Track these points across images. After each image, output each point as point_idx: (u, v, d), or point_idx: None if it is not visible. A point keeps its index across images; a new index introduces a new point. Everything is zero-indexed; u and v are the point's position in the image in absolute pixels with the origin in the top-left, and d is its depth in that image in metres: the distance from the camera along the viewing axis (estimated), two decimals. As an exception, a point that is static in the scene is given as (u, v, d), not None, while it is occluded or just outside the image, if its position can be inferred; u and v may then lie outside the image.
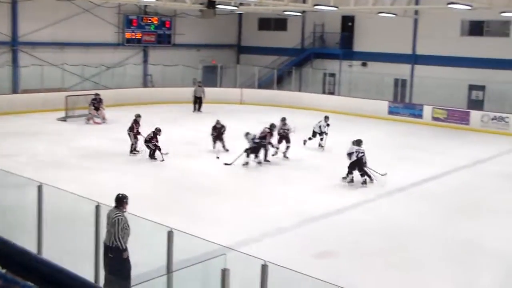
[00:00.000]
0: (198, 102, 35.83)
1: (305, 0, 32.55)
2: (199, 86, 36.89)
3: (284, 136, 23.75)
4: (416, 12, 36.73)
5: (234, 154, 22.00)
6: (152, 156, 22.64)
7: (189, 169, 21.26)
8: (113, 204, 10.23)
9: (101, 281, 9.53)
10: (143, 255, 11.03)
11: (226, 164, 21.66)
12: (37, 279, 2.38)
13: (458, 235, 15.39)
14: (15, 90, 34.21)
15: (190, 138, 26.53)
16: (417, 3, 32.67)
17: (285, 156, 23.55)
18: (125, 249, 10.15)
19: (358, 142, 20.33)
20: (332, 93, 40.90)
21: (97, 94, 31.09)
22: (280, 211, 16.79)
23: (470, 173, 22.22)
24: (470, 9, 24.81)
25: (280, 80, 42.11)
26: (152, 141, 22.47)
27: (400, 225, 16.09)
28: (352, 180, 19.83)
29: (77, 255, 9.62)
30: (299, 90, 40.72)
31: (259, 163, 22.21)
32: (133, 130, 23.52)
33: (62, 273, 2.25)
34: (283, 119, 24.34)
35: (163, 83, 40.66)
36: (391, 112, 35.47)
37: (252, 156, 21.96)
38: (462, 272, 13.09)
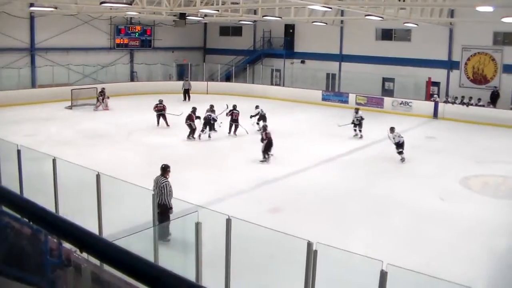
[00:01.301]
0: (187, 93, 35.79)
1: (256, 12, 32.40)
2: (186, 80, 37.12)
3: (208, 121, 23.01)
4: (342, 22, 36.94)
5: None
6: (191, 134, 22.41)
7: (170, 145, 21.21)
8: (110, 173, 10.23)
9: (104, 233, 9.52)
10: (133, 212, 11.04)
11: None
12: (53, 230, 2.43)
13: (376, 192, 15.66)
14: (33, 85, 34.11)
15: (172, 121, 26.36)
16: (342, 14, 32.77)
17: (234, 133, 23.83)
18: (171, 207, 10.96)
19: (392, 129, 20.43)
20: (278, 84, 40.80)
21: (103, 88, 31.41)
22: (239, 177, 16.90)
23: (384, 145, 22.52)
24: (382, 20, 25.03)
25: (237, 75, 41.93)
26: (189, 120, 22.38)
27: (331, 186, 16.28)
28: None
29: (85, 212, 9.58)
30: (252, 83, 40.63)
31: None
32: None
33: (73, 226, 2.30)
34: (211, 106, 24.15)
35: (146, 78, 40.59)
36: (324, 99, 35.63)
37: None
38: (379, 219, 13.36)
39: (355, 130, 24.23)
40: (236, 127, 23.85)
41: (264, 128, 20.41)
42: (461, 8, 28.27)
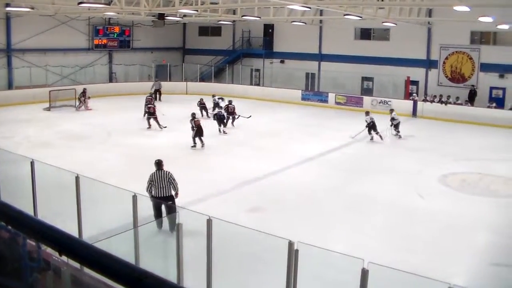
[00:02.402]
0: (157, 93, 35.67)
1: (235, 12, 32.40)
2: (156, 81, 37.07)
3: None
4: (321, 21, 37.09)
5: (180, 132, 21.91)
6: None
7: (150, 146, 21.10)
8: (89, 174, 10.15)
9: (84, 236, 9.44)
10: (113, 214, 10.97)
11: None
12: (32, 233, 2.41)
13: (356, 190, 15.74)
14: (10, 87, 33.72)
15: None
16: (321, 14, 32.87)
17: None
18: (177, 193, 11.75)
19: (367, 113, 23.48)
20: (258, 84, 40.85)
21: (84, 89, 31.36)
22: (220, 177, 16.86)
23: (363, 144, 22.71)
24: (361, 19, 25.19)
25: (216, 75, 41.87)
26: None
27: (311, 185, 16.32)
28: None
29: (65, 215, 9.50)
30: (232, 82, 40.59)
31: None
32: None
33: (52, 229, 2.28)
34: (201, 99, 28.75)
35: (125, 79, 40.31)
36: (303, 98, 35.71)
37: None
38: (359, 217, 13.44)
39: (371, 133, 23.37)
40: (234, 119, 25.95)
41: (193, 116, 21.56)
42: (439, 7, 28.56)
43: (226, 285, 8.67)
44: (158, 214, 11.38)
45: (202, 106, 28.80)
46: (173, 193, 11.74)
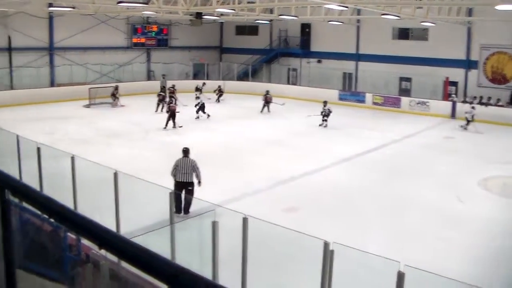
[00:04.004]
0: (163, 90, 35.87)
1: (272, 11, 32.37)
2: (163, 77, 37.37)
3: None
4: (358, 21, 36.76)
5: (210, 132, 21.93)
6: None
7: (187, 144, 21.22)
8: (127, 171, 10.28)
9: (122, 230, 9.57)
10: (150, 210, 11.09)
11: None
12: (74, 227, 2.46)
13: (393, 192, 15.56)
14: (52, 84, 34.51)
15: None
16: (358, 13, 32.59)
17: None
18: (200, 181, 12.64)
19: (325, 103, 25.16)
20: (294, 83, 40.75)
21: (117, 85, 32.08)
22: (255, 176, 16.87)
23: (401, 145, 22.45)
24: (399, 18, 24.86)
25: (253, 74, 41.97)
26: None
27: (347, 185, 16.19)
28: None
29: (103, 210, 9.63)
30: (269, 81, 40.57)
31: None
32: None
33: (92, 224, 2.32)
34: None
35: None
36: (340, 98, 35.46)
37: None
38: (396, 220, 13.24)
39: (323, 121, 25.62)
40: (269, 106, 30.15)
41: (169, 103, 24.75)
42: (480, 6, 27.98)
43: (260, 283, 8.67)
44: (177, 199, 11.92)
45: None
46: (195, 180, 12.62)
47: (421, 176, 17.60)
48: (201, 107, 27.43)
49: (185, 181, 12.54)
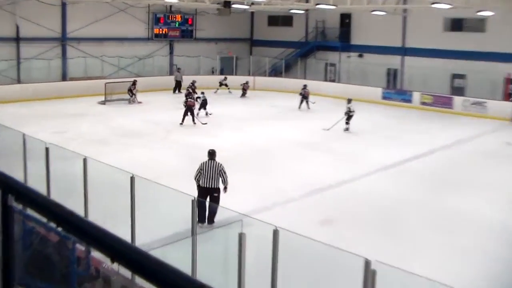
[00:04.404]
0: (177, 85, 36.58)
1: (308, 0, 32.32)
2: (178, 71, 37.73)
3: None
4: (405, 10, 36.39)
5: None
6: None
7: (212, 146, 21.28)
8: (145, 175, 10.29)
9: (137, 241, 9.59)
10: (170, 220, 11.10)
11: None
12: (84, 237, 2.45)
13: (443, 206, 15.27)
14: (64, 78, 34.94)
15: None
16: (405, 2, 32.33)
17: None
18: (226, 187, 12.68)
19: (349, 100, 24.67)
20: (333, 80, 40.64)
21: (135, 80, 32.45)
22: (288, 184, 16.79)
23: (453, 151, 22.12)
24: (451, 7, 24.56)
25: (287, 69, 41.97)
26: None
27: (391, 197, 15.95)
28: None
29: (117, 218, 9.67)
30: (304, 78, 40.47)
31: None
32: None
33: (105, 233, 2.30)
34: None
35: (186, 72, 40.73)
36: (384, 97, 35.25)
37: None
38: (446, 236, 12.99)
39: (346, 123, 25.20)
40: (307, 102, 31.18)
41: (187, 95, 26.26)
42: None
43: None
44: (200, 207, 11.55)
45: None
46: (221, 186, 12.58)
47: (475, 187, 17.25)
48: (203, 104, 27.70)
49: (210, 187, 12.49)
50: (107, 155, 16.84)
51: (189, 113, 25.22)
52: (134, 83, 31.83)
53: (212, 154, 13.03)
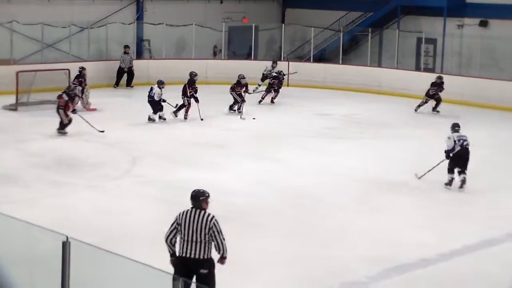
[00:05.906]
0: (124, 75, 37.57)
1: None
2: (126, 53, 38.13)
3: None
4: None
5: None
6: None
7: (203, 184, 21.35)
8: (92, 237, 10.30)
9: None
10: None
11: None
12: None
13: None
14: None
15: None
16: None
17: None
18: (225, 257, 12.02)
19: (454, 126, 22.15)
20: (430, 69, 40.59)
21: (82, 68, 32.29)
22: (348, 253, 16.61)
23: None
24: None
25: (348, 50, 42.01)
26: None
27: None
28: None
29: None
30: (379, 65, 40.52)
31: None
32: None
33: None
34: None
35: (167, 52, 40.87)
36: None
37: None
38: None
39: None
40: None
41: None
42: None
43: None
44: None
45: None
46: (212, 255, 12.02)
47: None
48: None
49: (194, 257, 11.98)
50: (21, 203, 16.89)
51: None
52: (81, 73, 31.75)
53: (195, 198, 12.27)
